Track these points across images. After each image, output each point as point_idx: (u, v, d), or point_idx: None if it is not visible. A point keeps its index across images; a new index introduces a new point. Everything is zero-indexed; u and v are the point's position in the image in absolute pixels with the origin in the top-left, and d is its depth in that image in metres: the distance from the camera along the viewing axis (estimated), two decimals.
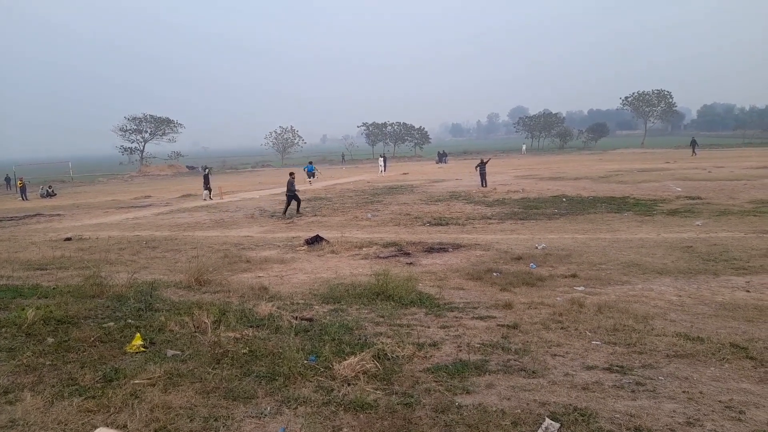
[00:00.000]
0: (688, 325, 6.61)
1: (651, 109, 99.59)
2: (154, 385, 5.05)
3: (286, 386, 4.97)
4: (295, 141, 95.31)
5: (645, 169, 34.51)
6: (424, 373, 5.29)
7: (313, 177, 37.73)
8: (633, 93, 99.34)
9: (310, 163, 41.09)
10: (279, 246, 13.76)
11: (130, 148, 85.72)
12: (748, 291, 8.11)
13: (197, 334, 6.43)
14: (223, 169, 72.85)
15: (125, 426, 4.31)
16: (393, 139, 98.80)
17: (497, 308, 7.63)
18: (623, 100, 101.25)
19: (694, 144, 52.30)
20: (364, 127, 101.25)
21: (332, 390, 4.88)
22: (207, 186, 28.47)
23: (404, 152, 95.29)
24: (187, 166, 77.12)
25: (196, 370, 5.40)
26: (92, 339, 6.36)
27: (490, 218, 17.24)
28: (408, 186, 30.83)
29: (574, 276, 9.44)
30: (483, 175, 27.96)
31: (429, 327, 6.84)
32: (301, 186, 37.33)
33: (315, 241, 13.52)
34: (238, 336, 6.23)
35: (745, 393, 4.70)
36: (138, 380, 5.15)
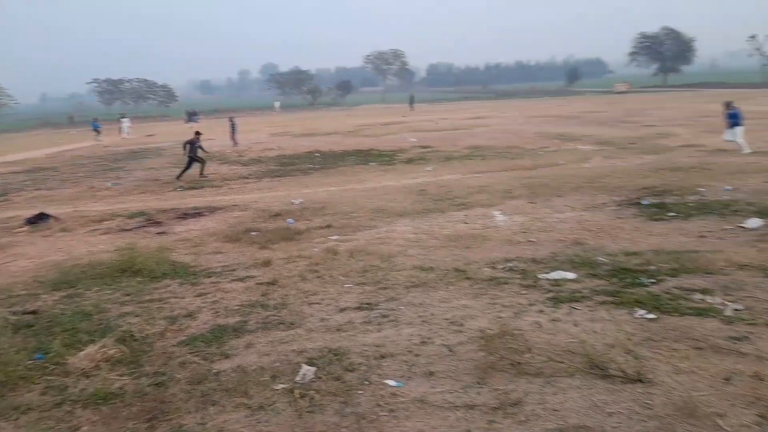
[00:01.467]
0: (422, 258, 7.56)
1: (388, 68, 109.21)
2: None
3: (4, 396, 4.18)
4: (2, 101, 78.44)
5: (386, 123, 37.76)
6: (178, 347, 5.01)
7: (98, 133, 35.68)
8: (373, 52, 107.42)
9: (95, 120, 39.86)
10: None
11: None
12: (466, 223, 9.63)
13: None
14: None
15: None
16: (133, 97, 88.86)
17: (256, 267, 7.61)
18: (365, 59, 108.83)
19: (411, 100, 59.53)
20: (95, 84, 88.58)
21: (66, 387, 4.29)
22: None
23: (147, 111, 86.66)
24: None
25: None
26: None
27: (247, 178, 16.98)
28: (155, 149, 28.24)
29: (329, 227, 9.93)
30: (232, 134, 27.44)
31: (184, 297, 6.49)
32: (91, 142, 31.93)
33: (39, 219, 11.47)
34: None
35: (465, 308, 5.61)
36: None
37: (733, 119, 15.85)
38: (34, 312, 6.00)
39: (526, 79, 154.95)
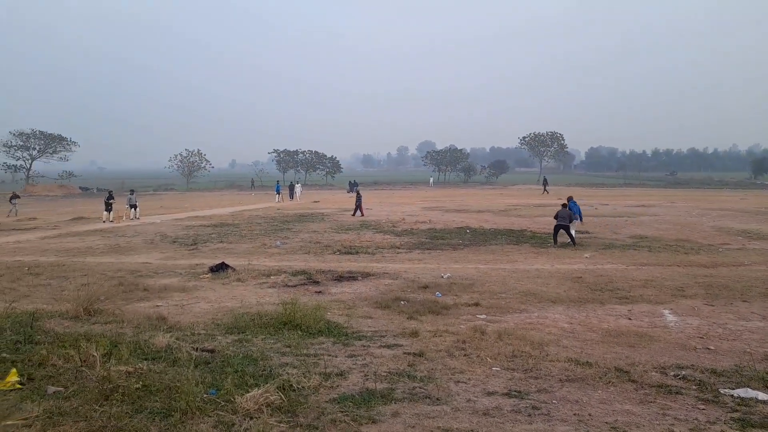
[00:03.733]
0: (578, 351, 7.06)
1: (545, 149, 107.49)
2: (30, 426, 4.55)
3: (183, 422, 4.69)
4: (202, 165, 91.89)
5: (540, 205, 36.89)
6: (330, 404, 5.21)
7: (279, 195, 44.33)
8: (530, 133, 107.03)
9: (278, 182, 48.13)
10: (181, 274, 13.08)
11: (15, 166, 78.31)
12: (630, 319, 8.85)
13: (84, 368, 5.91)
14: (121, 191, 68.32)
15: None
16: (305, 166, 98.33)
17: (404, 336, 7.73)
18: (521, 140, 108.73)
19: (545, 182, 57.16)
20: (275, 154, 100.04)
21: (233, 425, 4.67)
22: (108, 207, 26.79)
23: (315, 180, 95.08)
24: (80, 188, 71.61)
25: (80, 407, 4.94)
26: None
27: (399, 248, 17.52)
28: (318, 214, 30.72)
29: (476, 304, 9.80)
30: (358, 206, 29.34)
31: (336, 356, 6.78)
32: (267, 204, 36.85)
33: (220, 268, 13.01)
34: (130, 370, 5.80)
35: (628, 414, 5.08)
36: (11, 421, 4.62)
37: None
38: (211, 350, 6.72)
39: (701, 169, 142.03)
